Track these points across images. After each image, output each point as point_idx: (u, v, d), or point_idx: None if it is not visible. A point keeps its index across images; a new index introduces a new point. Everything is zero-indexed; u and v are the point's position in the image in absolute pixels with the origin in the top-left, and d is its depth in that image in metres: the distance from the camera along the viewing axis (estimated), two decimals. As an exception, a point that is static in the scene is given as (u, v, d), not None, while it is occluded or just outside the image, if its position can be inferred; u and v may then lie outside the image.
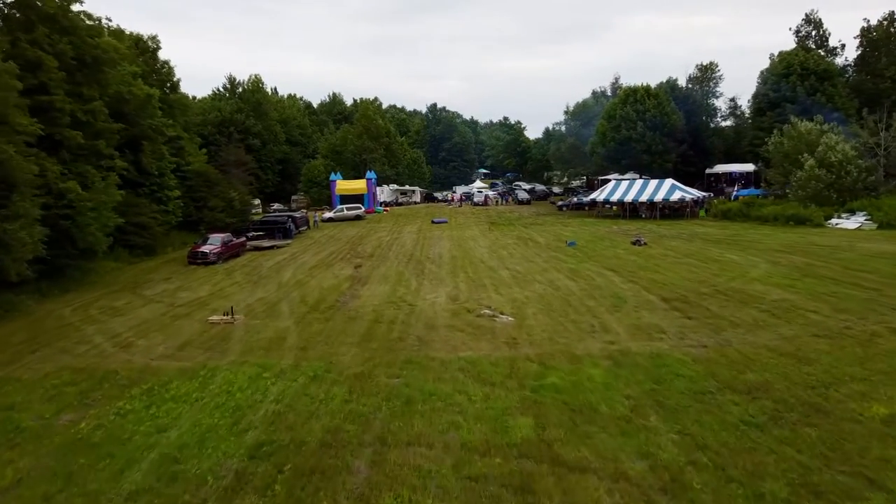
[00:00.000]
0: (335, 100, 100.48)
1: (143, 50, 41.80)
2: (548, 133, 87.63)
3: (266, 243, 37.54)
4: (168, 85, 43.65)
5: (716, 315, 16.99)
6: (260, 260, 32.31)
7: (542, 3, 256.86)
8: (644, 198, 47.69)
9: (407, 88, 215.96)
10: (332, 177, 63.78)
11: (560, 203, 60.07)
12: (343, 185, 61.95)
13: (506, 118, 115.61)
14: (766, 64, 60.27)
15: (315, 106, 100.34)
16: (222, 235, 33.51)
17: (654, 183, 48.75)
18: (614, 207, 51.77)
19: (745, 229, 37.36)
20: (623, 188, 49.99)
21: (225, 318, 17.49)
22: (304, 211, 53.95)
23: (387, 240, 39.36)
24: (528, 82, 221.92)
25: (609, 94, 76.39)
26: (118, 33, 39.99)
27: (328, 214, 54.53)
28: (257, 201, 68.02)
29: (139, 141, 34.53)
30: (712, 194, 52.51)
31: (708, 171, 61.75)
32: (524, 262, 27.77)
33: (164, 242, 36.59)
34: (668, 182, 47.91)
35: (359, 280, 24.75)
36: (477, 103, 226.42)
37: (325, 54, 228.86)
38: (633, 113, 54.59)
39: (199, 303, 20.82)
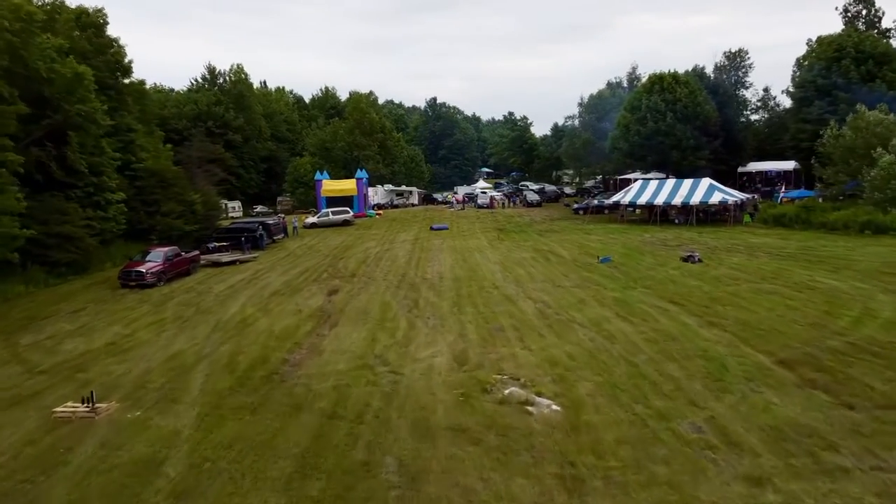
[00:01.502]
0: (328, 94, 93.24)
1: (85, 25, 34.90)
2: (556, 129, 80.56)
3: (226, 257, 30.59)
4: (118, 67, 36.74)
5: (891, 401, 10.26)
6: (212, 281, 25.45)
7: (542, 3, 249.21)
8: (677, 200, 40.75)
9: (407, 88, 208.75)
10: (318, 176, 56.66)
11: (576, 206, 52.93)
12: (330, 186, 54.84)
13: (510, 113, 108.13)
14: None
15: (307, 101, 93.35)
16: (166, 249, 26.61)
17: (687, 183, 41.73)
18: (637, 211, 44.89)
19: (812, 239, 30.42)
20: (652, 189, 42.97)
21: (82, 408, 10.59)
22: (282, 216, 46.73)
23: (375, 252, 32.48)
24: (530, 82, 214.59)
25: (625, 85, 69.32)
26: (59, 5, 33.52)
27: (311, 219, 47.50)
28: (237, 204, 61.35)
29: (65, 131, 27.71)
30: (757, 196, 45.44)
31: (740, 169, 54.78)
32: (551, 288, 20.92)
33: (101, 257, 29.67)
34: (706, 182, 40.91)
35: (327, 318, 17.90)
36: (478, 103, 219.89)
37: (324, 53, 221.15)
38: (661, 103, 47.41)
39: (77, 365, 13.84)
